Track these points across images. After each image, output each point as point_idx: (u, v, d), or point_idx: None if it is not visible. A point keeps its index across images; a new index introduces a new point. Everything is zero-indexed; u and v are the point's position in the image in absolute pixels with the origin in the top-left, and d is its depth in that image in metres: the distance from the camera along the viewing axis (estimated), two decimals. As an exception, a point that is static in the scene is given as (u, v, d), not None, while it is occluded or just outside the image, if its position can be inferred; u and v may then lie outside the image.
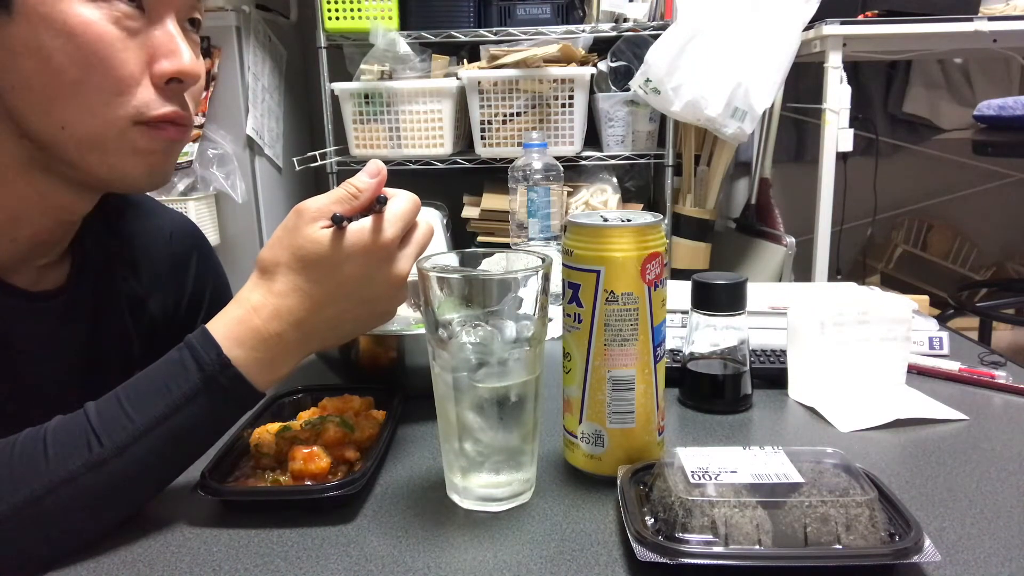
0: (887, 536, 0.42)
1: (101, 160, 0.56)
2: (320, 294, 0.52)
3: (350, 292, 0.53)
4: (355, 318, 0.55)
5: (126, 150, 0.56)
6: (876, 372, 0.69)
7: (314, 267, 0.52)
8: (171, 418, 0.49)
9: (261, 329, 0.51)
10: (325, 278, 0.52)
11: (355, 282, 0.53)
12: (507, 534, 0.47)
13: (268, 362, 0.52)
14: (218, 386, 0.50)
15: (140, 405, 0.49)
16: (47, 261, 0.65)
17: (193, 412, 0.50)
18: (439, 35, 2.05)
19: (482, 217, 2.10)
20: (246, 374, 0.51)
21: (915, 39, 1.82)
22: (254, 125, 2.14)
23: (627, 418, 0.52)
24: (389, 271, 0.53)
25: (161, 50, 0.55)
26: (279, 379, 0.53)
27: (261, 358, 0.51)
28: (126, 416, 0.48)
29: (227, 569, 0.44)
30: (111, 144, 0.56)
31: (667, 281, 0.53)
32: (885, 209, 2.66)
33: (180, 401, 0.49)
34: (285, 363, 0.53)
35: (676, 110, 1.79)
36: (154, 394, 0.49)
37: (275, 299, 0.52)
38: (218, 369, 0.50)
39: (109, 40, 0.53)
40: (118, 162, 0.57)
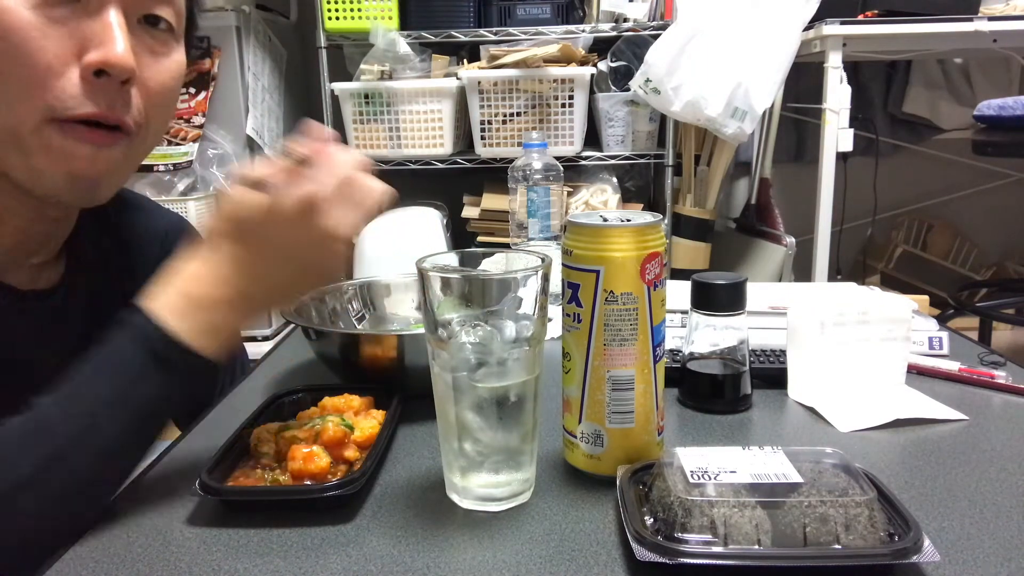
0: (886, 536, 0.42)
1: (19, 160, 0.54)
2: (251, 254, 0.52)
3: (280, 249, 0.53)
4: (292, 277, 0.55)
5: (41, 149, 0.53)
6: (876, 372, 0.69)
7: (244, 230, 0.52)
8: (126, 395, 0.50)
9: (198, 297, 0.52)
10: (254, 238, 0.52)
11: (284, 239, 0.52)
12: (506, 534, 0.47)
13: (211, 328, 0.52)
14: (166, 360, 0.50)
15: (93, 388, 0.49)
16: (40, 260, 0.64)
17: (147, 390, 0.50)
18: (439, 35, 2.05)
19: (482, 217, 2.10)
20: (191, 343, 0.51)
21: (915, 39, 1.82)
22: (254, 125, 2.14)
23: (626, 418, 0.52)
24: (318, 226, 0.51)
25: (91, 40, 0.52)
26: (228, 343, 0.54)
27: (203, 326, 0.51)
28: (77, 406, 0.49)
29: (227, 569, 0.44)
30: (27, 141, 0.53)
31: (667, 281, 0.53)
32: (885, 209, 2.66)
33: (132, 376, 0.50)
34: (228, 326, 0.53)
35: (676, 110, 1.79)
36: (103, 379, 0.50)
37: (209, 266, 0.52)
38: (162, 344, 0.50)
39: (24, 27, 0.50)
40: (34, 163, 0.54)
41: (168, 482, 0.55)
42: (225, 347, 0.54)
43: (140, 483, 0.55)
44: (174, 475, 0.57)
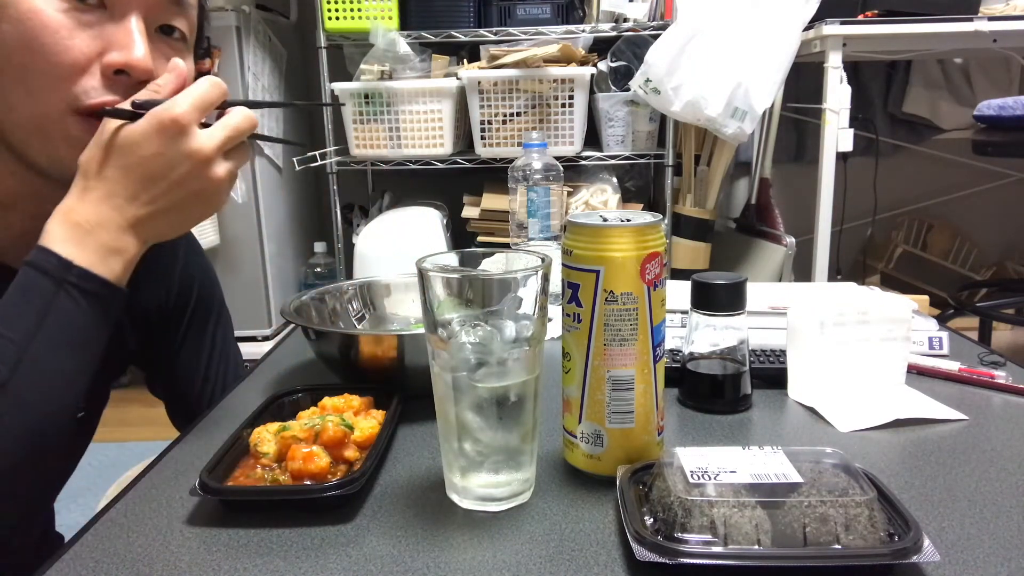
0: (886, 536, 0.42)
1: (42, 147, 0.59)
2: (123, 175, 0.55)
3: (153, 171, 0.55)
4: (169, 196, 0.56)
5: (62, 137, 0.58)
6: (876, 372, 0.69)
7: (116, 156, 0.55)
8: (43, 325, 0.53)
9: (83, 223, 0.55)
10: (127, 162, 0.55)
11: (155, 160, 0.55)
12: (506, 534, 0.47)
13: (103, 253, 0.55)
14: (71, 284, 0.54)
15: (12, 324, 0.53)
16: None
17: (60, 315, 0.53)
18: (439, 35, 2.05)
19: (482, 217, 2.10)
20: (89, 267, 0.54)
21: (915, 39, 1.82)
22: (254, 125, 2.13)
23: (626, 418, 0.52)
24: (187, 145, 0.55)
25: (115, 43, 0.58)
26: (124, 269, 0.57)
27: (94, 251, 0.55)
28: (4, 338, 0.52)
29: (227, 569, 0.44)
30: (50, 130, 0.58)
31: (667, 281, 0.53)
32: (885, 209, 2.66)
33: (43, 308, 0.53)
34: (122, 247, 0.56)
35: (676, 110, 1.80)
36: (19, 311, 0.53)
37: (88, 195, 0.56)
38: (62, 271, 0.54)
39: (55, 28, 0.55)
40: (55, 150, 0.59)
41: (168, 482, 0.55)
42: (123, 272, 0.57)
43: (140, 483, 0.56)
44: (174, 475, 0.57)
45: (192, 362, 0.83)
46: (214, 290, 0.86)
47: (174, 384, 0.84)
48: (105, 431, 0.82)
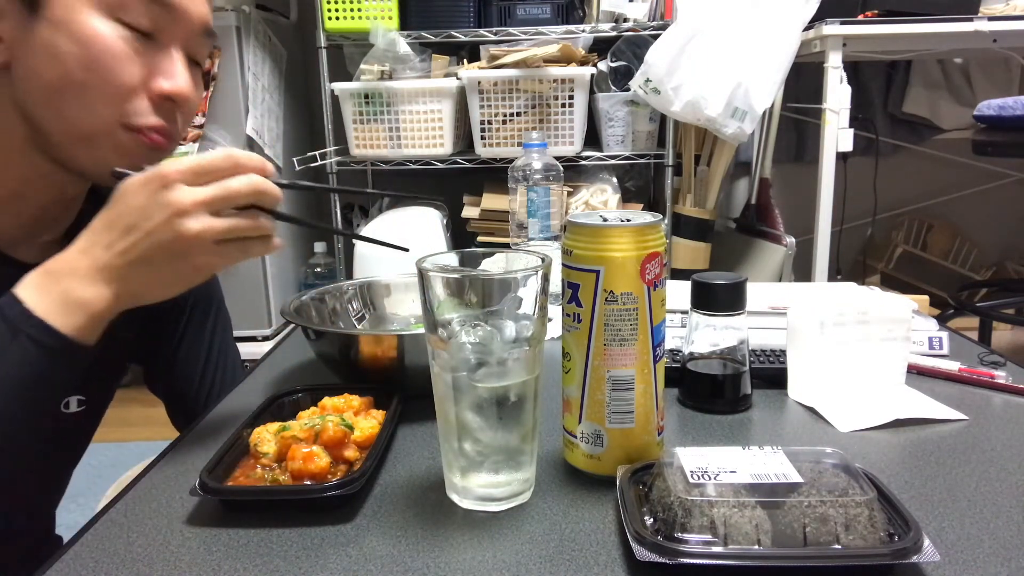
0: (886, 536, 0.42)
1: (88, 153, 0.62)
2: (105, 224, 0.56)
3: (130, 221, 0.55)
4: (141, 251, 0.55)
5: (112, 147, 0.62)
6: (876, 372, 0.69)
7: (105, 208, 0.57)
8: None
9: (56, 271, 0.56)
10: (111, 213, 0.56)
11: (134, 211, 0.55)
12: (506, 534, 0.47)
13: (68, 301, 0.55)
14: (26, 336, 0.54)
15: None
16: (48, 239, 0.69)
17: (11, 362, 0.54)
18: (439, 35, 2.05)
19: (482, 217, 2.10)
20: (46, 318, 0.54)
21: (915, 39, 1.82)
22: (254, 125, 2.14)
23: (626, 418, 0.52)
24: (158, 196, 0.54)
25: (162, 71, 0.63)
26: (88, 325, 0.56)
27: (59, 299, 0.55)
28: None
29: (227, 569, 0.44)
30: (100, 140, 0.62)
31: (667, 281, 0.53)
32: (885, 209, 2.66)
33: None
34: (87, 301, 0.55)
35: (676, 110, 1.80)
36: None
37: (73, 245, 0.57)
38: (21, 319, 0.54)
39: (115, 53, 0.60)
40: (102, 157, 0.62)
41: (168, 482, 0.55)
42: (86, 326, 0.56)
43: (140, 483, 0.56)
44: (174, 475, 0.57)
45: (190, 361, 0.83)
46: (212, 289, 0.86)
47: (172, 383, 0.84)
48: (105, 431, 0.82)
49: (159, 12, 0.61)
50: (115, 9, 0.59)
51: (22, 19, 0.58)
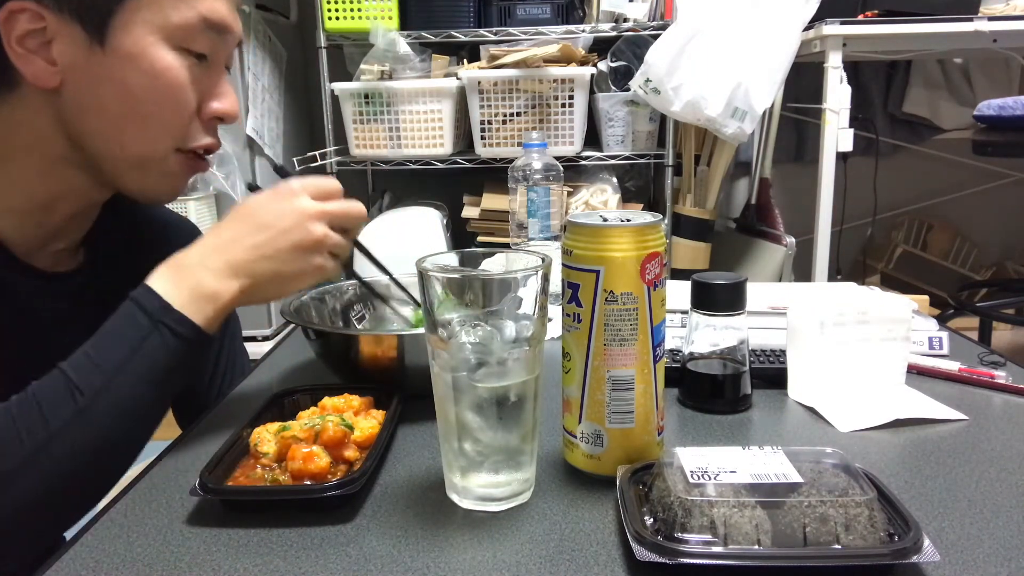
0: (886, 536, 0.42)
1: (139, 177, 0.66)
2: (234, 223, 0.62)
3: (261, 221, 0.61)
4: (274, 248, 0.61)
5: (161, 172, 0.66)
6: (876, 372, 0.69)
7: (234, 213, 0.63)
8: (133, 359, 0.57)
9: (188, 265, 0.60)
10: (241, 211, 0.63)
11: (264, 213, 0.62)
12: (506, 534, 0.47)
13: (199, 294, 0.59)
14: (165, 327, 0.58)
15: (105, 354, 0.57)
16: (63, 246, 0.71)
17: (151, 350, 0.57)
18: (439, 35, 2.05)
19: (482, 217, 2.10)
20: (184, 311, 0.58)
21: (915, 39, 1.82)
22: (254, 125, 2.14)
23: (626, 418, 0.52)
24: (291, 202, 0.62)
25: (214, 93, 0.66)
26: (217, 315, 0.60)
27: (192, 291, 0.59)
28: (96, 366, 0.56)
29: (227, 569, 0.44)
30: (152, 165, 0.65)
31: (667, 281, 0.53)
32: (885, 209, 2.66)
33: (138, 342, 0.57)
34: (216, 293, 0.60)
35: (676, 110, 1.80)
36: (114, 343, 0.57)
37: (201, 242, 0.62)
38: (160, 311, 0.58)
39: (182, 84, 0.62)
40: (152, 181, 0.66)
41: (168, 482, 0.55)
42: (215, 317, 0.61)
43: (140, 483, 0.56)
44: (174, 475, 0.57)
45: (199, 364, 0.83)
46: None
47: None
48: (105, 431, 0.82)
49: (214, 37, 0.63)
50: (180, 40, 0.61)
51: (83, 47, 0.59)
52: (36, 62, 0.58)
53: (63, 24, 0.58)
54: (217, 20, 0.63)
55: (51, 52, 0.58)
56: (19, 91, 0.60)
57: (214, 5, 0.62)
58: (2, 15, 0.57)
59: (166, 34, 0.60)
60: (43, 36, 0.58)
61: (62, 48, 0.58)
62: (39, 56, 0.58)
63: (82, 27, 0.58)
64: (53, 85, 0.60)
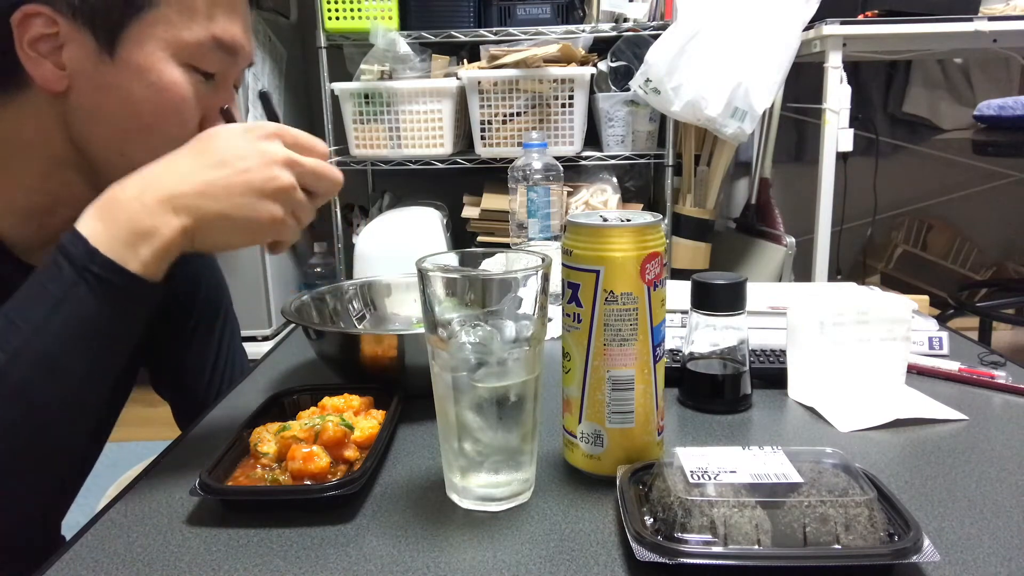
0: (886, 536, 0.42)
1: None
2: (182, 151, 0.56)
3: (211, 149, 0.55)
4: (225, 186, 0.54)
5: None
6: (876, 372, 0.69)
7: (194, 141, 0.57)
8: (55, 316, 0.51)
9: (118, 197, 0.54)
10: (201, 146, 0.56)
11: (220, 142, 0.56)
12: (506, 534, 0.47)
13: (132, 235, 0.53)
14: (92, 274, 0.52)
15: (25, 311, 0.51)
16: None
17: (76, 305, 0.51)
18: (439, 35, 2.05)
19: (482, 217, 2.10)
20: (113, 255, 0.52)
21: (915, 39, 1.82)
22: (254, 125, 2.13)
23: (626, 418, 0.52)
24: (262, 143, 0.56)
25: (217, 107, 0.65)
26: (155, 258, 0.53)
27: (123, 232, 0.53)
28: (13, 324, 0.51)
29: (227, 569, 0.44)
30: None
31: (667, 281, 0.53)
32: (885, 209, 2.66)
33: (59, 296, 0.51)
34: (151, 234, 0.53)
35: (676, 110, 1.80)
36: (35, 298, 0.52)
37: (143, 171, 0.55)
38: (86, 258, 0.52)
39: (186, 99, 0.61)
40: None
41: (168, 482, 0.55)
42: (153, 258, 0.53)
43: (140, 483, 0.55)
44: (174, 475, 0.57)
45: (198, 363, 0.83)
46: (221, 290, 0.86)
47: (179, 386, 0.84)
48: (105, 431, 0.82)
49: (224, 57, 0.63)
50: (189, 58, 0.61)
51: (93, 55, 0.58)
52: (45, 65, 0.58)
53: (75, 31, 0.58)
54: (229, 41, 0.62)
55: (61, 57, 0.58)
56: (26, 92, 0.60)
57: (227, 27, 0.62)
58: (17, 17, 0.56)
59: (176, 50, 0.60)
60: (55, 41, 0.58)
61: (72, 54, 0.58)
62: (49, 60, 0.58)
63: (93, 36, 0.58)
64: (60, 89, 0.59)
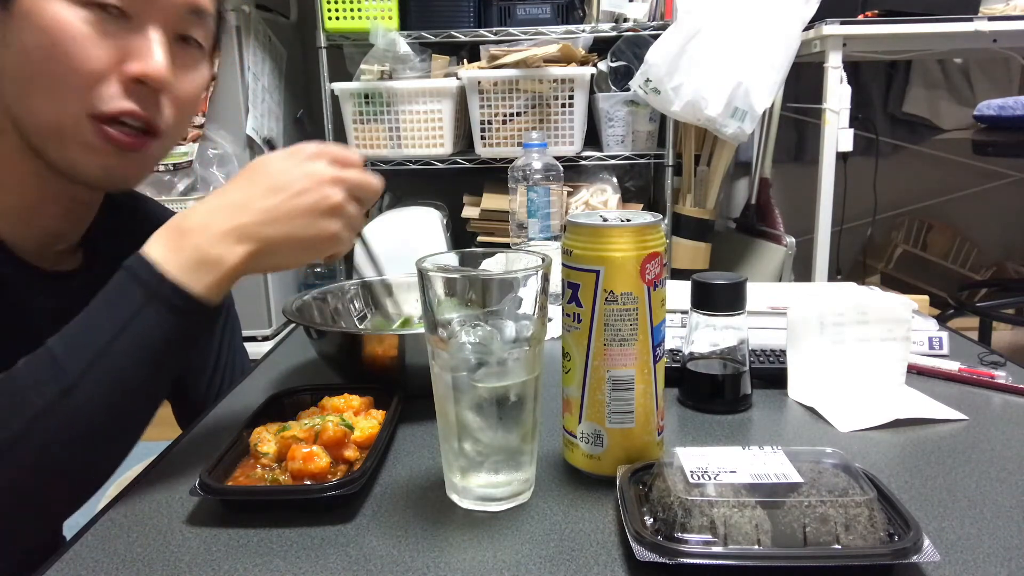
0: (886, 536, 0.42)
1: (59, 150, 0.60)
2: (243, 184, 0.58)
3: (270, 176, 0.57)
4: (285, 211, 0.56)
5: (80, 144, 0.60)
6: (876, 372, 0.69)
7: (246, 172, 0.59)
8: (123, 335, 0.53)
9: (189, 228, 0.56)
10: (251, 172, 0.58)
11: (278, 175, 0.57)
12: (506, 534, 0.47)
13: (198, 263, 0.55)
14: (160, 298, 0.54)
15: (93, 331, 0.53)
16: (64, 247, 0.70)
17: (143, 326, 0.53)
18: (439, 35, 2.05)
19: (482, 217, 2.10)
20: (180, 280, 0.54)
21: (915, 39, 1.82)
22: (254, 125, 2.14)
23: (626, 418, 0.52)
24: (308, 165, 0.58)
25: (134, 53, 0.59)
26: (219, 283, 0.55)
27: (192, 257, 0.55)
28: (82, 343, 0.52)
29: (227, 569, 0.44)
30: (67, 134, 0.59)
31: (667, 281, 0.53)
32: (885, 209, 2.66)
33: (128, 318, 0.53)
34: (217, 262, 0.55)
35: (676, 110, 1.80)
36: (103, 318, 0.53)
37: (204, 203, 0.57)
38: (154, 282, 0.54)
39: (78, 37, 0.57)
40: (70, 153, 0.60)
41: (168, 482, 0.55)
42: (215, 286, 0.55)
43: (140, 483, 0.56)
44: (174, 475, 0.57)
45: (199, 362, 0.83)
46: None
47: (180, 385, 0.84)
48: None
49: None
50: None
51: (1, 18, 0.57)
52: None
53: None
54: None
55: None
56: None
57: None
58: None
59: None
60: None
61: None
62: None
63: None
64: None
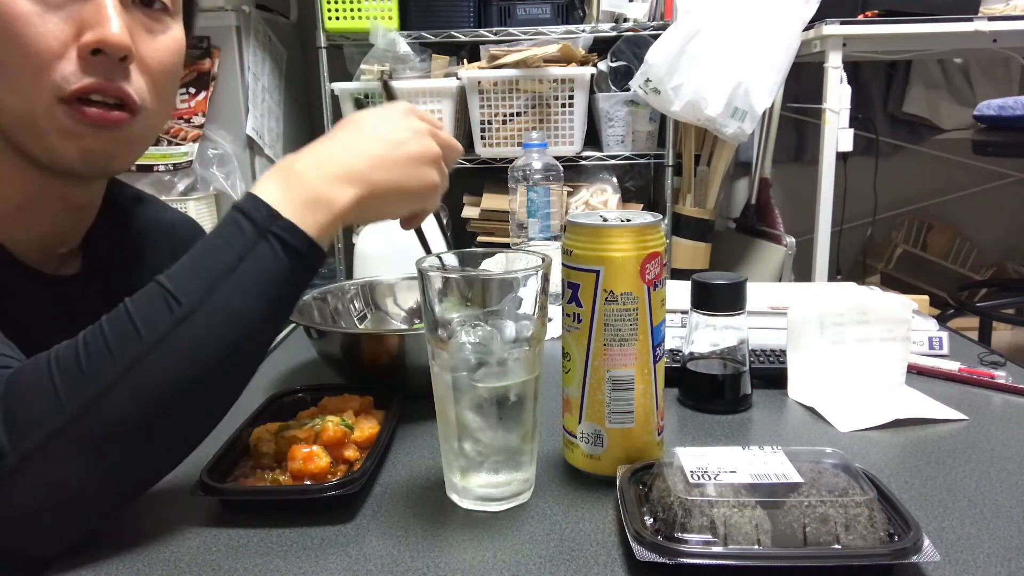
0: (886, 536, 0.42)
1: (36, 141, 0.58)
2: (338, 131, 0.59)
3: (379, 133, 0.59)
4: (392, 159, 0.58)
5: (56, 131, 0.57)
6: (876, 372, 0.69)
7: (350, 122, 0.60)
8: (238, 268, 0.51)
9: (294, 169, 0.55)
10: (357, 125, 0.60)
11: (368, 121, 0.60)
12: (506, 534, 0.47)
13: (310, 203, 0.54)
14: (273, 235, 0.52)
15: (207, 263, 0.51)
16: (64, 251, 0.69)
17: (256, 262, 0.51)
18: (439, 35, 2.05)
19: (482, 217, 2.09)
20: (294, 219, 0.53)
21: (915, 39, 1.82)
22: (254, 125, 2.14)
23: (626, 418, 0.52)
24: (411, 119, 0.60)
25: (87, 22, 0.55)
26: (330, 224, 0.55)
27: (302, 199, 0.54)
28: (196, 275, 0.50)
29: (227, 569, 0.44)
30: (41, 124, 0.56)
31: (667, 281, 0.53)
32: (885, 209, 2.65)
33: (242, 252, 0.51)
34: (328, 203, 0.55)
35: (676, 110, 1.79)
36: (217, 252, 0.52)
37: (312, 148, 0.58)
38: (268, 219, 0.52)
39: (22, 15, 0.53)
40: (49, 143, 0.58)
41: (168, 482, 0.55)
42: (327, 227, 0.55)
43: (140, 483, 0.55)
44: (174, 475, 0.56)
45: None
46: None
47: None
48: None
49: None
50: None
51: None
52: None
53: None
54: None
55: None
56: None
57: None
58: None
59: None
60: None
61: None
62: None
63: None
64: None
